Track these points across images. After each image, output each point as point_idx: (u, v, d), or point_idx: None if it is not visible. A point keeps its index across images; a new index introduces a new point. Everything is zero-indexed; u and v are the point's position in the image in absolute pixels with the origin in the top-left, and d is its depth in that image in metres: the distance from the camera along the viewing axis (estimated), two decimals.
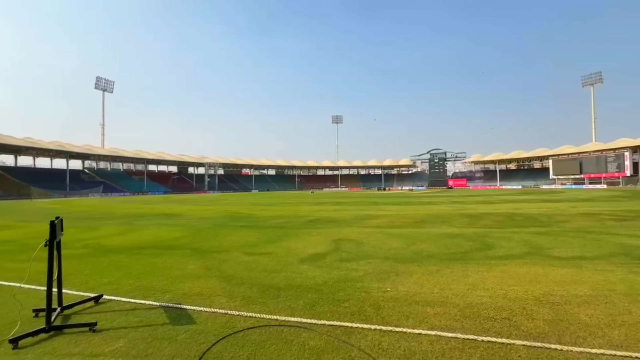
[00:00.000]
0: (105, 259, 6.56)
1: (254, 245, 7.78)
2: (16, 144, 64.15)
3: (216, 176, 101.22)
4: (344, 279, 4.80)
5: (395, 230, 9.94)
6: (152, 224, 13.08)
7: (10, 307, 3.84)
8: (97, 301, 4.04)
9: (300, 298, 4.02)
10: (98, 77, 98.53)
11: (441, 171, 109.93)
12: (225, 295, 4.18)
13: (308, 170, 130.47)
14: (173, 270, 5.56)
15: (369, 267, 5.51)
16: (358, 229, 10.37)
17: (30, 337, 3.03)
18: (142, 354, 2.76)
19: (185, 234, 10.15)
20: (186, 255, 6.83)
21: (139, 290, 4.44)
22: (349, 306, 3.73)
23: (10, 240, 9.50)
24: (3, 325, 3.35)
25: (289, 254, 6.68)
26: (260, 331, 3.14)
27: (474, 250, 6.81)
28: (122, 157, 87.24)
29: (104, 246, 8.13)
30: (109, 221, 14.72)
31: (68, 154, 73.12)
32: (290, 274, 5.17)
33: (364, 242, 7.99)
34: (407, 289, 4.31)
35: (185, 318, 3.50)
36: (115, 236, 9.92)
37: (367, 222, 12.55)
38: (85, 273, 5.42)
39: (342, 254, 6.58)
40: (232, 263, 5.98)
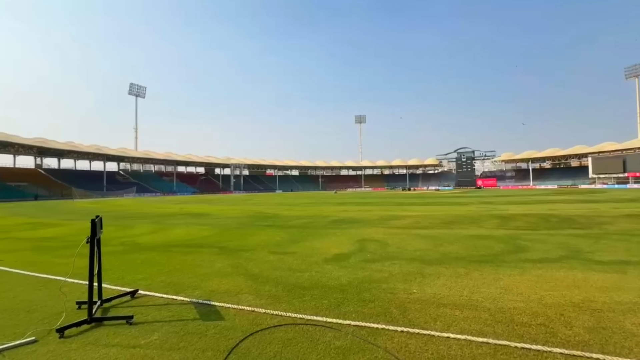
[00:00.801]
0: (139, 256, 6.91)
1: (279, 245, 7.90)
2: (59, 147, 68.94)
3: (241, 177, 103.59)
4: (369, 280, 4.76)
5: (421, 231, 9.73)
6: (182, 223, 13.61)
7: (57, 299, 4.14)
8: (133, 296, 4.26)
9: (325, 298, 4.03)
10: (131, 84, 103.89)
11: (469, 170, 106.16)
12: (252, 293, 4.27)
13: (331, 170, 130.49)
14: (202, 267, 5.75)
15: (395, 268, 5.43)
16: (382, 230, 10.24)
17: (75, 328, 3.25)
18: (174, 347, 2.88)
19: (212, 233, 10.47)
20: (214, 253, 7.04)
21: (171, 287, 4.64)
22: (374, 307, 3.69)
23: (55, 237, 10.23)
24: (51, 316, 3.61)
25: (313, 254, 6.72)
26: (286, 329, 3.18)
27: (506, 252, 6.53)
28: (154, 159, 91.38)
29: (138, 244, 8.56)
30: (142, 220, 15.47)
31: (105, 156, 77.64)
32: (314, 273, 5.20)
33: (389, 243, 7.88)
34: (435, 291, 4.21)
35: (214, 314, 3.61)
36: (148, 234, 10.41)
37: (391, 222, 12.37)
38: (121, 269, 5.73)
39: (367, 255, 6.53)
40: (258, 262, 6.10)
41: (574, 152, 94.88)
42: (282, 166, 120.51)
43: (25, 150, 66.22)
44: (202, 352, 2.78)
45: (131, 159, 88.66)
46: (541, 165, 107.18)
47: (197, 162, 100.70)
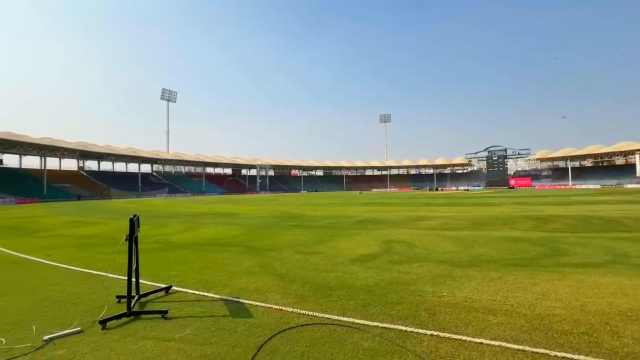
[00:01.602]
0: (172, 254, 7.22)
1: (304, 245, 7.96)
2: (99, 151, 73.47)
3: (267, 177, 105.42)
4: (396, 282, 4.68)
5: (450, 233, 9.43)
6: (211, 223, 14.07)
7: (99, 292, 4.42)
8: (167, 291, 4.46)
9: (351, 298, 4.02)
10: (163, 89, 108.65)
11: (501, 169, 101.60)
12: (279, 292, 4.33)
13: (356, 170, 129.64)
14: (231, 266, 5.92)
15: (423, 270, 5.31)
16: (409, 231, 10.04)
17: (115, 320, 3.46)
18: (206, 342, 2.98)
19: (240, 232, 10.73)
20: (242, 252, 7.22)
21: (202, 284, 4.81)
22: (402, 309, 3.63)
23: (96, 235, 10.92)
24: (94, 308, 3.86)
25: (339, 254, 6.71)
26: (313, 329, 3.20)
27: (542, 256, 6.18)
28: (184, 161, 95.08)
29: (171, 242, 8.95)
30: (174, 219, 16.15)
31: (140, 159, 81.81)
32: (341, 274, 5.19)
33: (416, 244, 7.71)
34: (466, 294, 4.06)
35: (243, 311, 3.71)
36: (180, 233, 10.86)
37: (418, 223, 12.09)
38: (156, 266, 6.01)
39: (393, 256, 6.43)
40: (284, 261, 6.19)
41: (618, 149, 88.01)
42: (307, 167, 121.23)
43: (69, 154, 71.19)
44: (233, 348, 2.86)
45: (163, 161, 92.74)
46: (581, 163, 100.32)
47: (224, 163, 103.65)
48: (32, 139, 58.67)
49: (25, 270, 6.00)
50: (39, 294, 4.50)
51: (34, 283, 5.09)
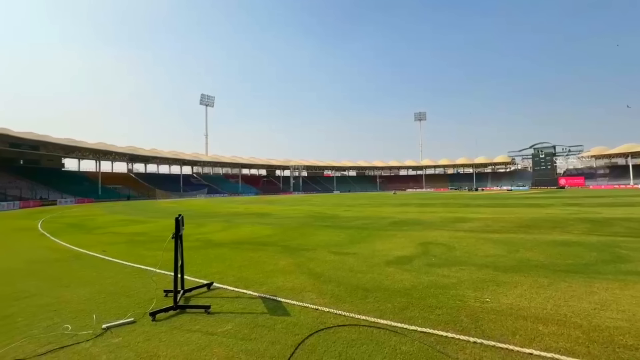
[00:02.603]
0: (212, 252, 7.55)
1: (339, 245, 7.95)
2: (145, 154, 78.82)
3: (300, 178, 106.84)
4: (435, 285, 4.53)
5: (492, 236, 8.94)
6: (247, 222, 14.53)
7: (148, 286, 4.75)
8: (209, 287, 4.68)
9: (388, 301, 3.95)
10: (202, 94, 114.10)
11: (549, 168, 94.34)
12: (315, 292, 4.37)
13: (390, 170, 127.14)
14: (267, 265, 6.07)
15: (463, 274, 5.08)
16: (447, 233, 9.66)
17: (164, 313, 3.69)
18: (246, 337, 3.09)
19: (275, 232, 10.97)
20: (277, 251, 7.38)
21: (241, 281, 4.99)
22: (442, 314, 3.50)
23: (144, 233, 11.73)
24: (144, 301, 4.15)
25: (374, 255, 6.63)
26: (350, 329, 3.19)
27: (600, 262, 5.65)
28: (222, 163, 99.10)
29: (211, 240, 9.37)
30: (213, 219, 16.90)
31: (181, 161, 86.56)
32: (376, 275, 5.12)
33: (455, 246, 7.40)
34: (512, 301, 3.83)
35: (280, 309, 3.79)
36: (219, 232, 11.33)
37: (457, 225, 11.59)
38: (198, 262, 6.33)
39: (431, 259, 6.22)
40: (319, 261, 6.23)
41: None
42: (339, 167, 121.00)
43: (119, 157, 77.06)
44: (272, 344, 2.93)
45: (203, 163, 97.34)
46: None
47: (259, 164, 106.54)
48: (88, 144, 64.34)
49: (85, 264, 6.60)
50: (97, 286, 4.92)
51: (93, 276, 5.58)
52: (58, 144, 57.68)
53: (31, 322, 3.59)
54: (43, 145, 56.51)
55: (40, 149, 56.97)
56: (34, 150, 56.13)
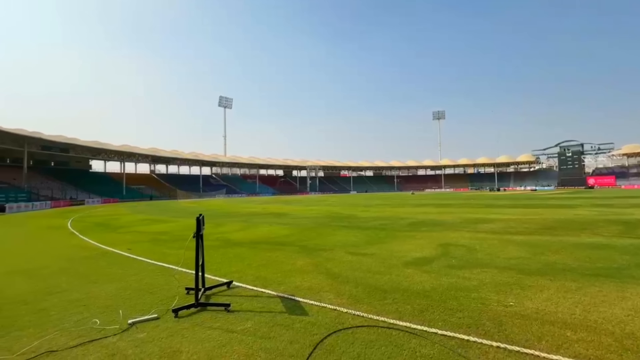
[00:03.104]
0: (231, 251, 7.69)
1: (356, 246, 7.91)
2: (167, 155, 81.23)
3: (317, 178, 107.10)
4: (455, 287, 4.43)
5: (515, 237, 8.65)
6: (265, 222, 14.70)
7: (170, 284, 4.90)
8: (229, 286, 4.77)
9: (407, 302, 3.89)
10: (221, 97, 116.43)
11: (576, 167, 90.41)
12: (333, 292, 4.37)
13: (407, 170, 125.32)
14: (285, 264, 6.12)
15: (485, 276, 4.94)
16: (468, 234, 9.42)
17: (186, 310, 3.79)
18: (265, 336, 3.12)
19: (292, 232, 11.05)
20: (295, 251, 7.42)
21: (259, 280, 5.05)
22: (463, 317, 3.42)
23: (166, 232, 12.08)
24: (167, 298, 4.28)
25: (392, 256, 6.55)
26: (368, 331, 3.17)
27: (634, 266, 5.36)
28: (240, 163, 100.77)
29: (230, 240, 9.54)
30: (232, 218, 17.20)
31: (201, 162, 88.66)
32: (395, 276, 5.06)
33: (477, 248, 7.21)
34: (537, 306, 3.69)
35: (298, 309, 3.81)
36: (237, 232, 11.52)
37: (478, 226, 11.29)
38: (217, 261, 6.46)
39: (452, 260, 6.09)
40: (336, 262, 6.22)
41: None
42: (356, 167, 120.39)
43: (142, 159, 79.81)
44: (290, 343, 2.95)
45: (221, 164, 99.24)
46: None
47: (276, 165, 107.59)
48: (113, 146, 66.94)
49: (111, 262, 6.88)
50: (122, 283, 5.12)
51: (119, 273, 5.80)
52: (85, 147, 60.39)
53: (63, 315, 3.77)
54: (72, 148, 59.27)
55: (69, 151, 59.80)
56: (63, 152, 58.96)
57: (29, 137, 47.48)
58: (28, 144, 47.54)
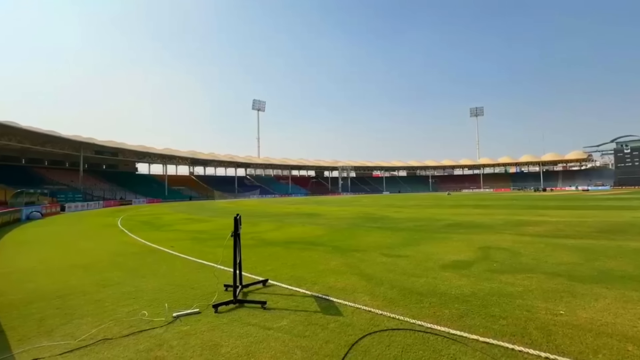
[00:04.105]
0: (266, 250, 7.89)
1: (390, 247, 7.78)
2: (204, 158, 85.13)
3: (348, 178, 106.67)
4: (498, 293, 4.20)
5: (565, 241, 8.02)
6: (298, 222, 14.90)
7: (210, 280, 5.12)
8: (265, 284, 4.90)
9: (445, 307, 3.76)
10: (254, 100, 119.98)
11: (636, 165, 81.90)
12: (367, 293, 4.33)
13: (443, 170, 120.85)
14: (318, 264, 6.16)
15: (531, 282, 4.64)
16: (511, 237, 8.89)
17: (225, 306, 3.95)
18: (301, 334, 3.17)
19: (325, 232, 11.09)
20: (328, 251, 7.45)
21: (294, 279, 5.13)
22: (507, 325, 3.24)
23: (205, 231, 12.66)
24: (207, 294, 4.49)
25: (428, 259, 6.36)
26: (404, 334, 3.10)
27: None
28: (273, 165, 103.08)
29: (264, 239, 9.79)
30: (266, 218, 17.62)
31: (236, 164, 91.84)
32: (431, 279, 4.91)
33: (521, 252, 6.78)
34: (592, 315, 3.40)
35: (333, 309, 3.82)
36: (272, 231, 11.79)
37: (522, 228, 10.61)
38: (253, 260, 6.65)
39: (493, 264, 5.78)
40: (370, 263, 6.16)
41: None
42: (389, 167, 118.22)
43: (182, 161, 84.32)
44: (325, 343, 2.97)
45: (255, 165, 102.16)
46: None
47: (308, 165, 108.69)
48: (156, 149, 71.39)
49: (156, 258, 7.34)
50: (167, 278, 5.44)
51: (163, 269, 6.18)
52: (132, 150, 64.98)
53: (116, 306, 4.09)
54: (120, 152, 64.04)
55: (118, 155, 64.64)
56: (113, 156, 63.87)
57: (84, 143, 52.10)
58: (83, 149, 52.10)
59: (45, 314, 3.92)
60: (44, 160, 56.99)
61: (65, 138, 48.82)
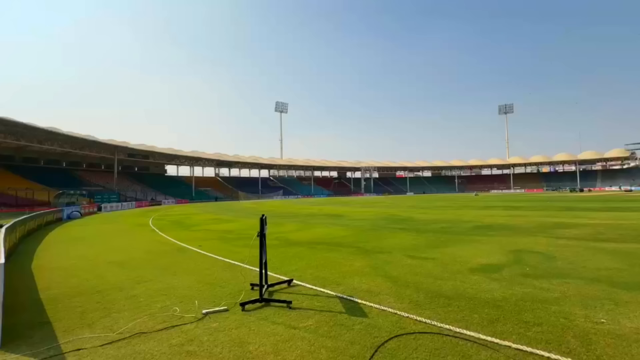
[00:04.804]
0: (290, 250, 7.98)
1: (415, 249, 7.63)
2: (229, 160, 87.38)
3: (371, 179, 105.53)
4: (531, 299, 4.01)
5: (606, 245, 7.53)
6: (321, 223, 14.94)
7: (237, 279, 5.26)
8: (289, 284, 4.96)
9: (474, 311, 3.64)
10: (277, 102, 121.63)
11: None
12: (393, 296, 4.28)
13: (470, 170, 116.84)
14: (342, 265, 6.16)
15: (568, 288, 4.40)
16: (545, 240, 8.46)
17: (251, 304, 4.04)
18: (327, 335, 3.19)
19: (349, 233, 11.06)
20: (352, 253, 7.42)
21: (318, 280, 5.16)
22: (541, 332, 3.09)
23: (232, 231, 12.99)
24: (234, 292, 4.61)
25: (455, 262, 6.19)
26: (432, 338, 3.04)
27: None
28: (296, 166, 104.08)
29: (289, 239, 9.91)
30: (290, 219, 17.81)
31: (259, 165, 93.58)
32: (459, 283, 4.78)
33: (556, 256, 6.44)
34: (637, 325, 3.17)
35: (358, 310, 3.81)
36: (296, 232, 11.91)
37: (558, 231, 10.06)
38: (278, 260, 6.75)
39: (526, 268, 5.53)
40: (395, 265, 6.07)
41: None
42: (413, 167, 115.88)
43: (208, 163, 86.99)
44: (351, 344, 2.97)
45: (278, 166, 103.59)
46: None
47: (330, 166, 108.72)
48: (184, 152, 74.17)
49: (186, 257, 7.62)
50: (196, 276, 5.64)
51: (192, 267, 6.41)
52: (162, 153, 67.83)
53: (150, 302, 4.30)
54: (151, 155, 67.03)
55: (149, 157, 67.72)
56: (144, 159, 67.00)
57: (118, 147, 55.11)
58: (118, 152, 55.08)
59: (86, 307, 4.18)
60: (83, 163, 60.73)
61: (101, 142, 51.85)
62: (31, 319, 3.86)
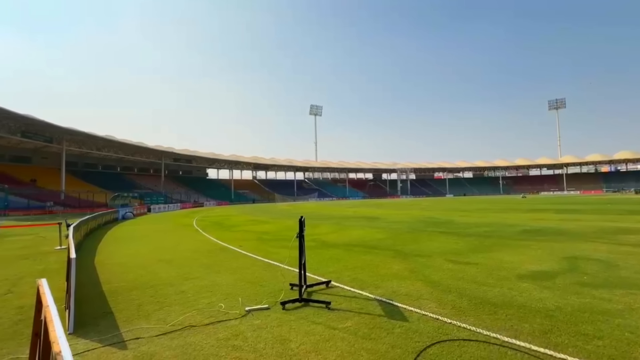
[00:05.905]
0: (327, 252, 8.04)
1: (457, 253, 7.33)
2: (266, 163, 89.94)
3: (408, 181, 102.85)
4: (590, 310, 3.69)
5: None
6: (357, 225, 14.86)
7: (276, 279, 5.42)
8: (328, 285, 5.01)
9: (525, 320, 3.43)
10: (312, 105, 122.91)
11: None
12: (434, 301, 4.16)
13: (516, 170, 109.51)
14: (380, 268, 6.09)
15: (634, 299, 3.98)
16: (605, 246, 7.71)
17: (291, 303, 4.15)
18: (366, 337, 3.18)
19: (386, 236, 10.88)
20: (389, 255, 7.31)
21: (356, 282, 5.16)
22: (603, 346, 2.84)
23: (269, 232, 13.36)
24: (275, 291, 4.75)
25: (501, 267, 5.86)
26: (478, 346, 2.92)
27: None
28: (330, 168, 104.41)
29: (325, 241, 9.98)
30: (325, 221, 17.92)
31: (295, 167, 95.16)
32: (506, 290, 4.52)
33: (619, 264, 5.85)
34: None
35: (397, 314, 3.75)
36: (331, 233, 11.96)
37: (621, 237, 9.12)
38: (316, 261, 6.83)
39: (583, 277, 5.09)
40: (435, 269, 5.89)
41: None
42: (453, 168, 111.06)
43: (246, 166, 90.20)
44: (392, 347, 2.94)
45: (313, 169, 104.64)
46: None
47: (365, 168, 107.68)
48: (224, 156, 77.58)
49: (228, 256, 7.98)
50: (238, 274, 5.89)
51: (234, 266, 6.70)
52: (204, 157, 71.60)
53: (197, 298, 4.57)
54: (194, 159, 71.04)
55: (192, 162, 71.78)
56: (188, 163, 71.14)
57: (165, 152, 59.17)
58: (164, 157, 59.07)
59: (142, 300, 4.55)
60: (134, 168, 65.92)
61: (150, 148, 56.04)
62: (96, 309, 4.27)
